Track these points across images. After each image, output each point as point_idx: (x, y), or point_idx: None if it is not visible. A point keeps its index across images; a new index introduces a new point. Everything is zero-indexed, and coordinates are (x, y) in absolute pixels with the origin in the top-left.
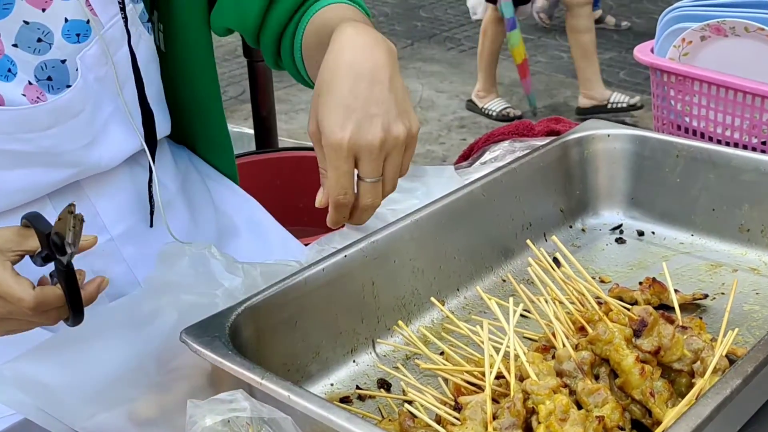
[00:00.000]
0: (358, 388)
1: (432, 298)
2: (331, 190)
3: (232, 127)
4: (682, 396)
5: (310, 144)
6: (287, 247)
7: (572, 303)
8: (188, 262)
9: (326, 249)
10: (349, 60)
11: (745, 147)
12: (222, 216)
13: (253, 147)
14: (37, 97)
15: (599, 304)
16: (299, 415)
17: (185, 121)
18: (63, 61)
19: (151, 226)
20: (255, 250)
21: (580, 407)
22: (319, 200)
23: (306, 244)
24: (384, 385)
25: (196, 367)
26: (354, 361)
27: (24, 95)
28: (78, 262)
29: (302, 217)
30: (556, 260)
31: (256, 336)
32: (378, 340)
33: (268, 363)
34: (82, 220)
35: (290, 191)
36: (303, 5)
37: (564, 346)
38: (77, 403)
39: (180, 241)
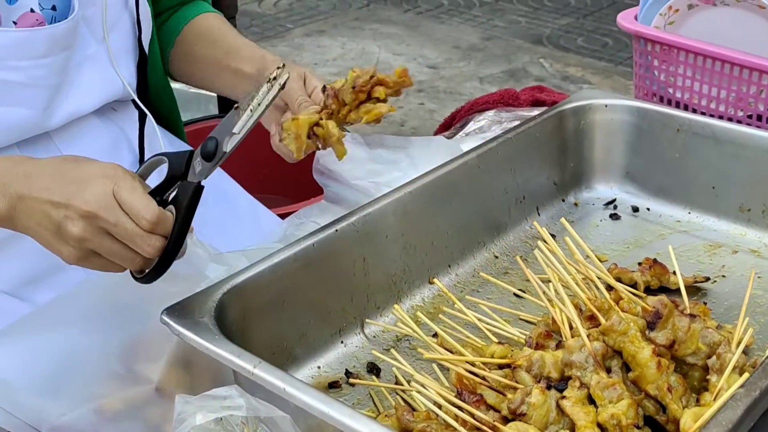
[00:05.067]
0: (347, 372)
1: (435, 281)
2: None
3: (189, 89)
4: (695, 391)
5: None
6: (258, 217)
7: (578, 287)
8: None
9: (305, 222)
10: None
11: (730, 120)
12: None
13: (212, 110)
14: (38, 24)
15: (608, 290)
16: (292, 407)
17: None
18: None
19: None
20: (224, 220)
21: (591, 402)
22: None
23: (278, 215)
24: (374, 369)
25: (164, 357)
26: (342, 342)
27: (15, 23)
28: None
29: (265, 186)
30: (552, 235)
31: (242, 317)
32: (367, 320)
33: (254, 346)
34: (283, 86)
35: (252, 158)
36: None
37: (573, 336)
38: (43, 403)
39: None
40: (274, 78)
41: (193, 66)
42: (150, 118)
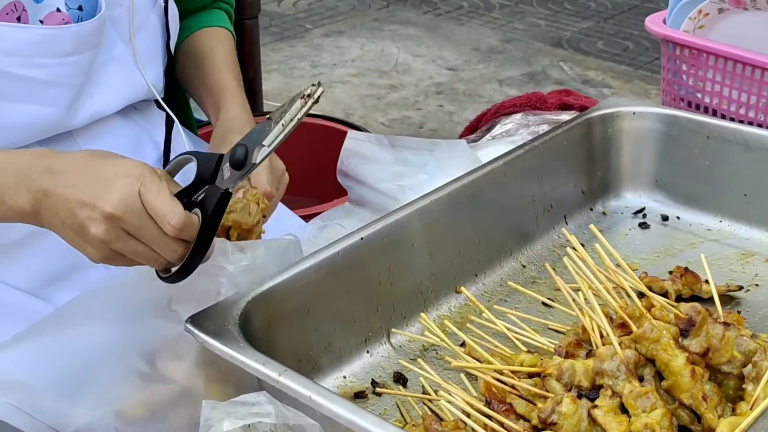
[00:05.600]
0: (373, 382)
1: (463, 290)
2: None
3: None
4: (730, 401)
5: None
6: (281, 219)
7: (609, 294)
8: None
9: (329, 225)
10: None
11: (759, 126)
12: None
13: None
14: (63, 23)
15: (639, 297)
16: (319, 415)
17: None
18: None
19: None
20: None
21: (624, 411)
22: None
23: (301, 216)
24: (400, 379)
25: (189, 359)
26: (368, 352)
27: (41, 21)
28: None
29: (288, 187)
30: (581, 244)
31: (267, 325)
32: (393, 329)
33: (279, 354)
34: (317, 101)
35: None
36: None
37: (604, 344)
38: (64, 405)
39: None
40: (309, 95)
41: (182, 79)
42: (177, 121)
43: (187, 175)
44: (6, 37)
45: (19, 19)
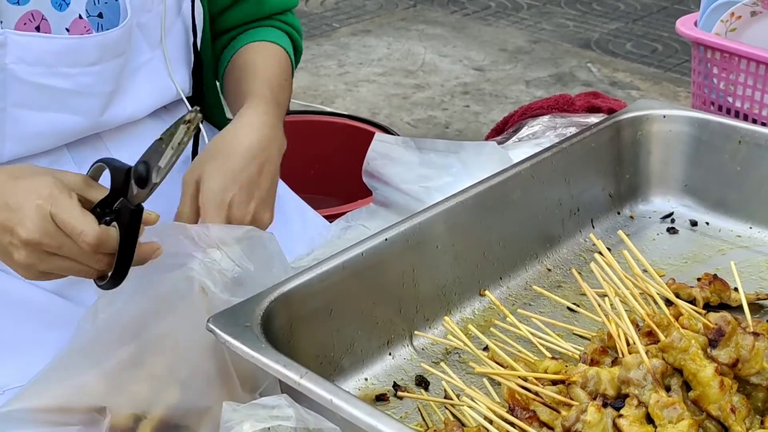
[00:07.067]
0: (395, 385)
1: (487, 293)
2: None
3: None
4: (759, 413)
5: (321, 107)
6: (305, 219)
7: (636, 301)
8: None
9: (353, 225)
10: (247, 144)
11: None
12: None
13: None
14: (86, 31)
15: (667, 305)
16: (339, 419)
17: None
18: None
19: None
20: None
21: (650, 421)
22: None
23: (326, 216)
24: (422, 382)
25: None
26: (390, 354)
27: (67, 29)
28: None
29: (312, 186)
30: (607, 248)
31: (289, 326)
32: (416, 332)
33: (300, 355)
34: (197, 127)
35: (300, 157)
36: (243, 26)
37: (630, 352)
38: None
39: None
40: (189, 121)
41: (225, 96)
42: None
43: None
44: (28, 47)
45: (38, 29)
